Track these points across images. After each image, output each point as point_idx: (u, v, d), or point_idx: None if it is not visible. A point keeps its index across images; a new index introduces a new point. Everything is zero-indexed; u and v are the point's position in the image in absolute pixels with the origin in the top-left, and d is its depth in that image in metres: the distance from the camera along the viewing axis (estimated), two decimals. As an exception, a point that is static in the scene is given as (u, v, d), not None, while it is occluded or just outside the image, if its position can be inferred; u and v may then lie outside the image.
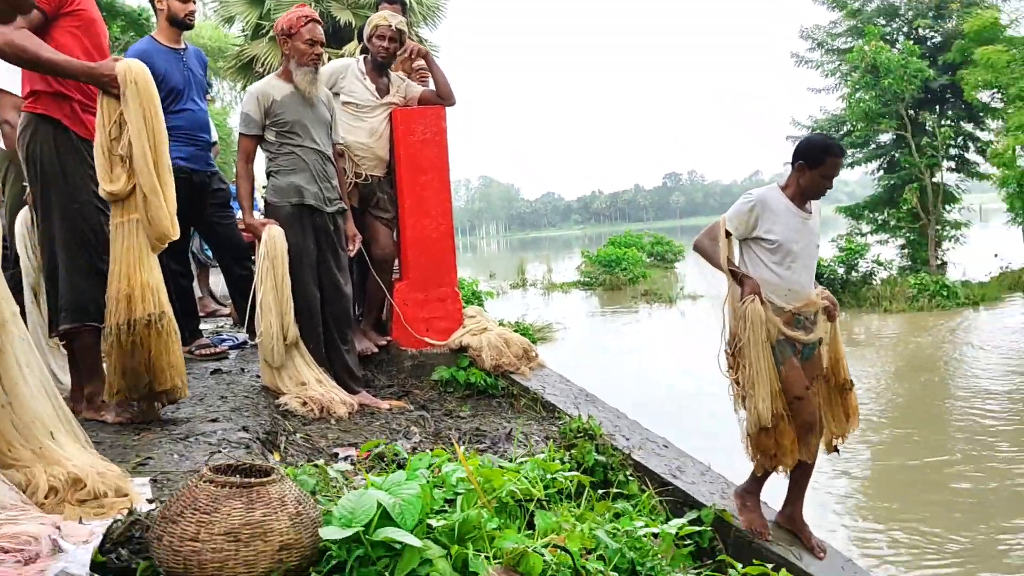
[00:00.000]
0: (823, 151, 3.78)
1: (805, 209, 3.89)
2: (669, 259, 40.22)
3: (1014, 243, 25.16)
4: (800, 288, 3.85)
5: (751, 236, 3.85)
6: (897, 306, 21.47)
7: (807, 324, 3.88)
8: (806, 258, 3.88)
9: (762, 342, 3.73)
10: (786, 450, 3.84)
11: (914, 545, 7.30)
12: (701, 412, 12.13)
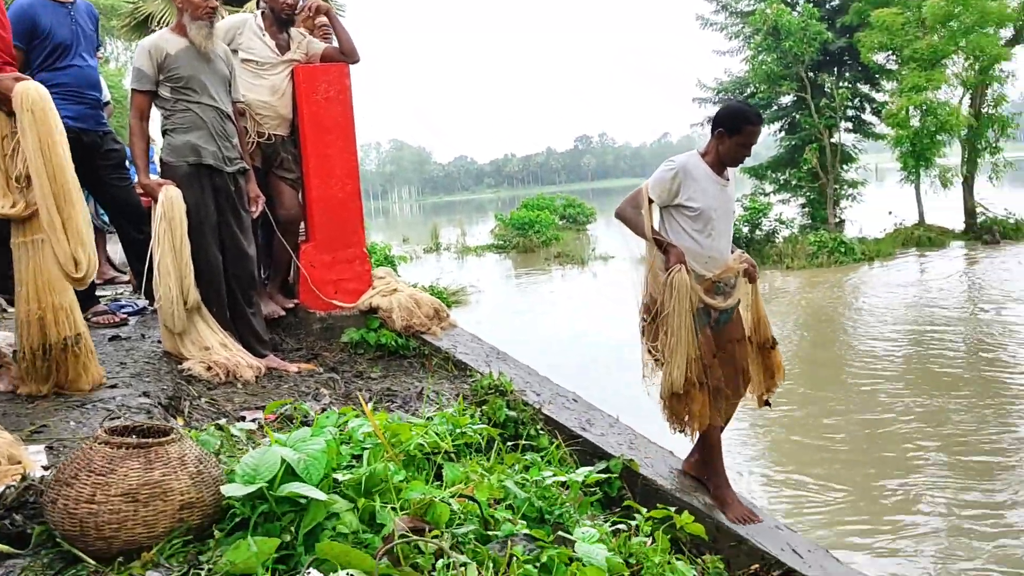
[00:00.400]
0: (742, 119, 3.78)
1: (723, 176, 3.91)
2: (581, 221, 40.61)
3: (907, 201, 26.29)
4: (720, 255, 3.89)
5: (672, 204, 3.85)
6: (798, 263, 22.23)
7: (726, 290, 3.93)
8: (725, 225, 3.92)
9: (686, 311, 3.76)
10: (695, 415, 3.90)
11: (797, 492, 7.64)
12: (611, 367, 12.38)
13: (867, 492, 7.44)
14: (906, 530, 6.68)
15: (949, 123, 23.38)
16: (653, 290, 3.93)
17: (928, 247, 24.20)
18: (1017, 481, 7.44)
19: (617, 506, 3.77)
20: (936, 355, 12.18)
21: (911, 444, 8.47)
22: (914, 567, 6.17)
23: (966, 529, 6.62)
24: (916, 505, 7.15)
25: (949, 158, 25.94)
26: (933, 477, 7.61)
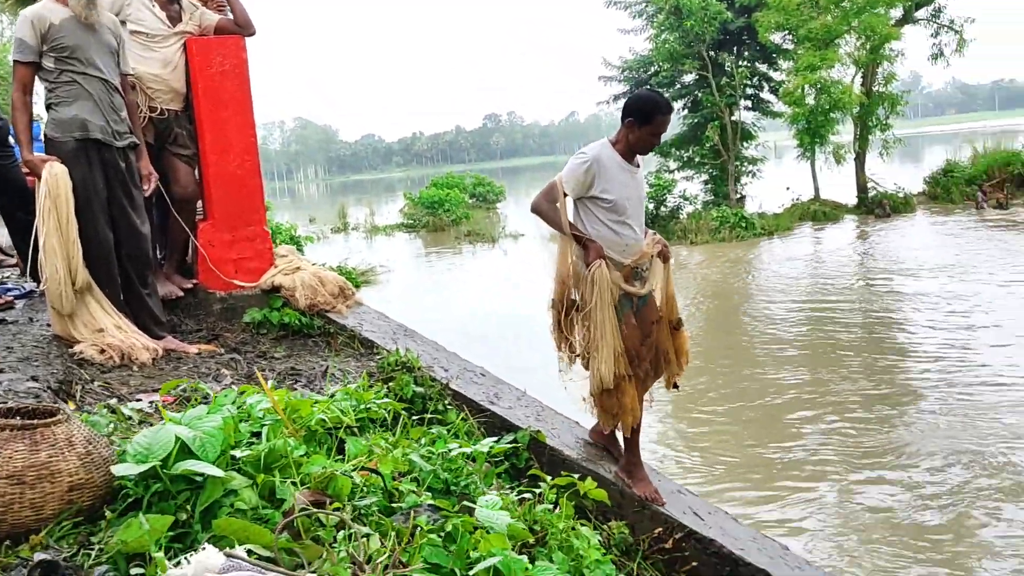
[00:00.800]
0: (652, 109, 3.77)
1: (633, 163, 3.92)
2: (491, 200, 40.65)
3: (804, 177, 27.25)
4: (636, 241, 3.89)
5: (587, 195, 3.85)
6: (701, 238, 22.80)
7: (643, 275, 3.95)
8: (637, 211, 3.92)
9: (608, 305, 3.77)
10: (627, 408, 3.90)
11: (695, 462, 7.90)
12: (520, 342, 12.49)
13: (761, 461, 7.72)
14: (798, 494, 6.98)
15: (842, 101, 24.27)
16: (570, 284, 3.89)
17: (823, 221, 25.14)
18: (904, 444, 7.85)
19: (525, 477, 3.82)
20: (831, 326, 12.70)
21: (808, 413, 8.82)
22: (806, 529, 6.46)
23: (855, 494, 6.95)
24: (808, 470, 7.47)
25: (842, 135, 26.97)
26: (827, 445, 7.95)
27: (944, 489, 6.76)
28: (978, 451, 7.34)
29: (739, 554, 3.87)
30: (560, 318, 3.93)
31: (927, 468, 7.17)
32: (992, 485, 6.71)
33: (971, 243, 19.12)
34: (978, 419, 8.09)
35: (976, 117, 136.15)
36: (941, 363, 10.08)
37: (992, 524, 6.15)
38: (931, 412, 8.49)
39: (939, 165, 27.62)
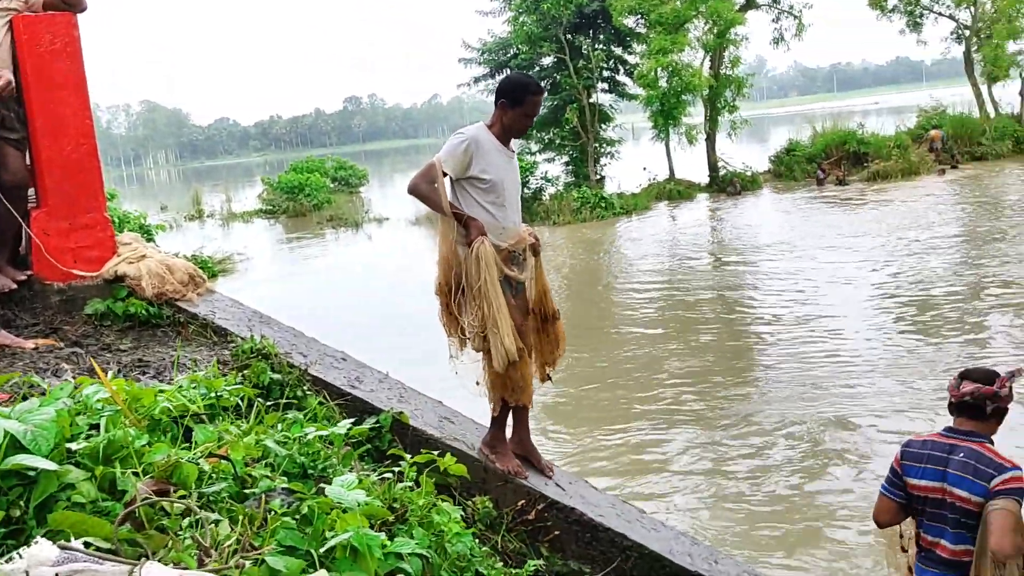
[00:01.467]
0: (523, 90, 3.79)
1: (509, 147, 3.93)
2: (354, 184, 40.03)
3: (659, 157, 28.18)
4: (513, 225, 3.90)
5: (465, 176, 3.81)
6: (564, 218, 23.25)
7: (520, 261, 3.96)
8: (514, 195, 3.94)
9: (496, 279, 3.75)
10: (529, 380, 3.92)
11: (552, 435, 8.12)
12: (383, 325, 12.43)
13: (619, 435, 7.99)
14: (655, 466, 7.28)
15: (692, 84, 25.22)
16: (455, 265, 3.85)
17: (678, 199, 26.13)
18: (752, 415, 8.30)
19: (389, 459, 3.83)
20: (685, 301, 13.25)
21: (663, 387, 9.17)
22: (664, 496, 6.75)
23: (709, 462, 7.31)
24: (663, 442, 7.80)
25: (694, 117, 28.06)
26: (682, 416, 8.30)
27: (789, 456, 7.19)
28: (818, 419, 7.83)
29: (599, 520, 4.01)
30: (448, 301, 3.88)
31: (773, 437, 7.60)
32: (833, 450, 7.18)
33: (810, 218, 20.33)
34: (817, 389, 8.63)
35: (816, 99, 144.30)
36: (785, 334, 10.70)
37: (834, 488, 6.56)
38: (776, 382, 9.00)
39: (782, 145, 29.16)
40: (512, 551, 3.77)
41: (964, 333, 9.97)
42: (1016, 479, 3.03)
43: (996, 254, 13.97)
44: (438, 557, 2.72)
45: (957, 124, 28.18)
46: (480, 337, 3.82)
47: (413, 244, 21.54)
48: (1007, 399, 3.20)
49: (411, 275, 16.22)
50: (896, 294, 12.02)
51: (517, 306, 3.90)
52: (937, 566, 3.22)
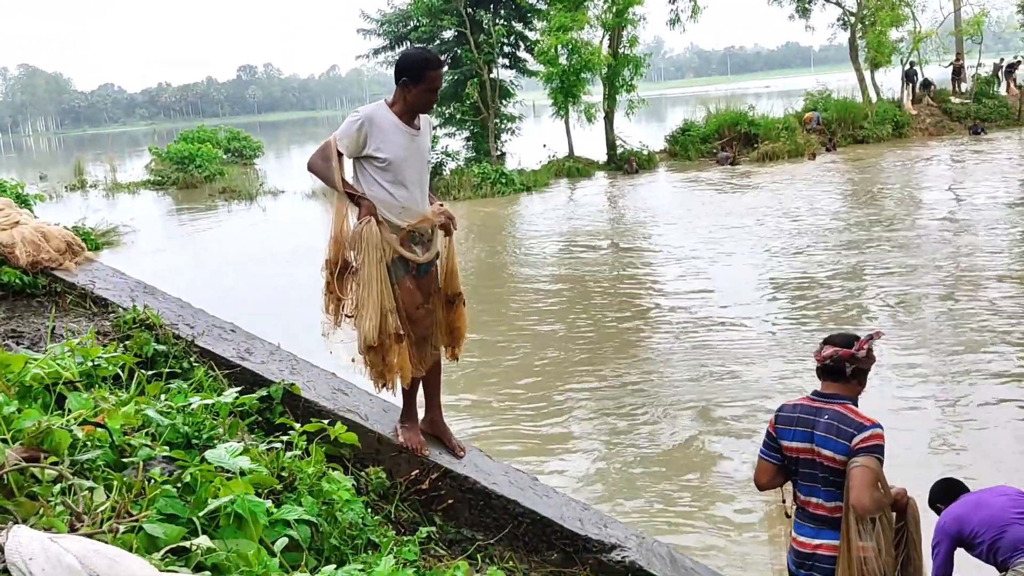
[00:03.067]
0: (423, 66, 3.72)
1: (414, 125, 3.84)
2: (248, 155, 38.89)
3: (559, 134, 28.40)
4: (414, 205, 3.82)
5: (362, 155, 3.73)
6: (464, 194, 23.21)
7: (424, 241, 3.90)
8: (417, 174, 3.85)
9: (376, 262, 3.69)
10: (393, 367, 3.83)
11: (453, 410, 8.18)
12: (276, 297, 12.20)
13: (521, 409, 8.09)
14: (552, 441, 7.40)
15: (592, 62, 25.48)
16: (345, 243, 3.79)
17: (578, 177, 26.41)
18: (648, 389, 8.53)
19: (281, 431, 3.77)
20: (584, 278, 13.46)
21: (563, 367, 9.29)
22: (562, 471, 6.89)
23: (607, 439, 7.48)
24: (563, 418, 7.94)
25: (593, 95, 28.37)
26: (582, 392, 8.43)
27: (680, 431, 7.37)
28: (708, 394, 8.11)
29: (492, 488, 4.05)
30: (332, 278, 3.84)
31: (665, 412, 7.80)
32: (723, 426, 7.41)
33: (704, 198, 20.91)
34: (707, 366, 8.91)
35: (711, 81, 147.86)
36: (678, 313, 11.01)
37: (723, 461, 6.79)
38: (668, 362, 9.24)
39: (678, 125, 29.79)
40: (405, 520, 3.78)
41: (846, 313, 10.47)
42: (874, 436, 3.23)
43: (875, 238, 14.70)
44: (328, 525, 2.72)
45: (841, 108, 29.38)
46: (344, 316, 3.85)
47: (309, 217, 21.13)
48: (866, 361, 3.40)
49: (306, 248, 15.95)
50: (783, 276, 12.47)
51: (419, 287, 3.88)
52: (812, 522, 3.40)
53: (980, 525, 3.84)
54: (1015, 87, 31.62)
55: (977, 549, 3.87)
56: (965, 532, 3.90)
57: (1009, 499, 3.89)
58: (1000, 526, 3.79)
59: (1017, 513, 3.81)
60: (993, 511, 3.85)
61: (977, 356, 8.48)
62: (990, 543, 3.80)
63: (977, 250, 12.94)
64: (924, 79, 31.59)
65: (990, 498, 3.94)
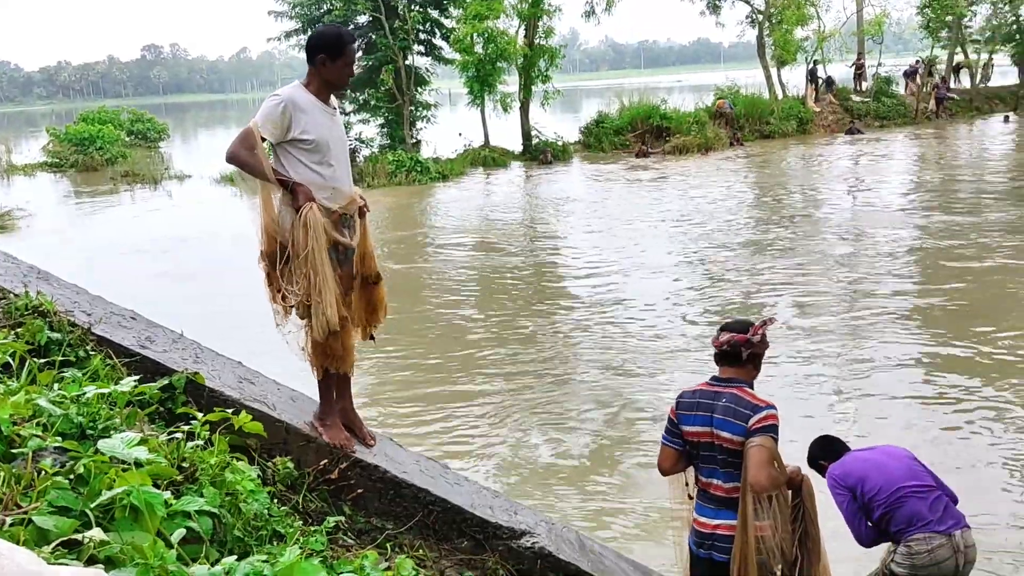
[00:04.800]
0: (339, 41, 3.65)
1: (330, 104, 3.77)
2: (152, 138, 37.64)
3: (475, 124, 28.36)
4: (342, 185, 3.74)
5: (286, 139, 3.62)
6: (379, 181, 22.98)
7: (351, 225, 3.83)
8: (341, 154, 3.79)
9: (323, 248, 3.61)
10: (350, 349, 3.82)
11: (368, 400, 8.14)
12: (187, 286, 11.86)
13: (438, 400, 8.06)
14: (464, 432, 7.40)
15: (507, 51, 25.51)
16: (280, 233, 3.67)
17: (493, 166, 26.45)
18: (561, 381, 8.62)
19: (184, 421, 3.68)
20: (499, 268, 13.49)
21: (475, 359, 9.27)
22: (472, 460, 6.91)
23: (520, 432, 7.52)
24: (474, 410, 7.96)
25: (509, 85, 28.41)
26: (491, 382, 8.45)
27: (596, 427, 7.44)
28: (618, 390, 8.21)
29: (402, 477, 4.04)
30: (272, 270, 3.73)
31: (577, 405, 7.87)
32: (635, 417, 7.49)
33: (617, 190, 21.22)
34: (618, 362, 9.06)
35: (625, 74, 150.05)
36: (592, 307, 11.13)
37: (630, 452, 6.88)
38: (580, 356, 9.35)
39: (593, 116, 30.11)
40: (314, 510, 3.74)
41: (750, 300, 10.79)
42: (769, 417, 3.36)
43: (778, 230, 15.18)
44: (231, 516, 2.66)
45: (749, 104, 30.19)
46: (304, 306, 3.72)
47: (217, 203, 20.59)
48: (760, 346, 3.53)
49: (214, 234, 15.55)
50: (690, 268, 12.69)
51: (344, 273, 3.83)
52: (712, 503, 3.51)
53: (878, 490, 3.91)
54: (914, 88, 33.08)
55: (873, 513, 3.94)
56: (863, 490, 3.95)
57: (905, 468, 3.96)
58: (898, 496, 3.87)
59: (915, 485, 3.89)
60: (891, 478, 3.92)
61: (872, 344, 8.87)
62: (885, 510, 3.88)
63: (874, 243, 13.51)
64: (827, 77, 32.76)
65: (885, 461, 4.00)
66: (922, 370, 8.14)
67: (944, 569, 3.79)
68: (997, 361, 8.17)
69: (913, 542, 3.82)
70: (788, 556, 3.49)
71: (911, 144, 26.92)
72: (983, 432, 6.70)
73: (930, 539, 3.79)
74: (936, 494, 3.91)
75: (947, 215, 15.04)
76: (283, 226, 3.65)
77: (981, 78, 36.10)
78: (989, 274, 11.16)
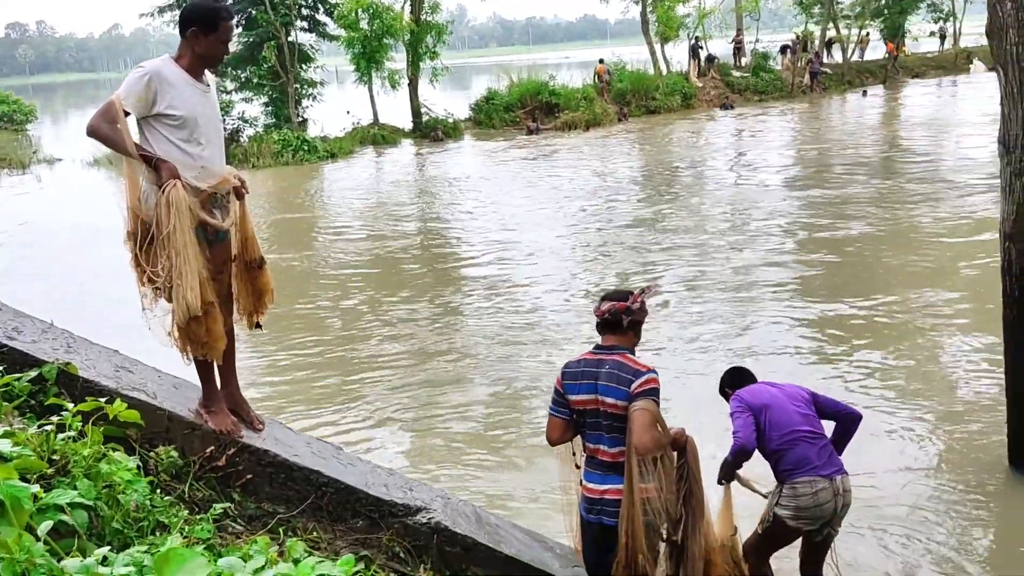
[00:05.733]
0: (214, 15, 3.50)
1: (203, 80, 3.61)
2: (19, 120, 35.59)
3: (364, 102, 27.88)
4: (212, 164, 3.60)
5: (151, 114, 3.46)
6: (264, 162, 22.39)
7: (223, 205, 3.67)
8: (213, 132, 3.64)
9: (188, 228, 3.45)
10: (218, 335, 3.66)
11: (261, 386, 7.98)
12: (58, 273, 11.32)
13: (335, 385, 7.94)
14: (361, 414, 7.32)
15: (393, 27, 25.17)
16: (144, 211, 3.51)
17: (383, 144, 26.12)
18: (457, 360, 8.63)
19: (58, 413, 3.52)
20: (393, 249, 13.35)
21: (371, 341, 9.14)
22: (369, 441, 6.88)
23: (417, 412, 7.49)
24: (370, 394, 7.90)
25: (397, 62, 28.04)
26: (389, 365, 8.33)
27: (488, 402, 7.44)
28: (517, 369, 8.25)
29: (293, 460, 3.98)
30: (137, 251, 3.57)
31: (475, 384, 7.84)
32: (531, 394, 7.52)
33: (509, 167, 21.31)
34: (518, 336, 9.13)
35: (514, 50, 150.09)
36: (486, 282, 11.18)
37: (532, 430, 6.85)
38: (478, 334, 9.35)
39: (482, 93, 30.07)
40: (201, 499, 3.65)
41: (642, 273, 11.04)
42: (650, 381, 3.47)
43: (666, 204, 15.58)
44: (109, 509, 2.58)
45: (635, 80, 30.75)
46: (168, 289, 3.57)
47: (89, 186, 19.64)
48: (640, 313, 3.65)
49: (86, 218, 14.84)
50: (583, 245, 12.77)
51: (214, 256, 3.70)
52: (599, 469, 3.60)
53: (777, 426, 4.08)
54: (789, 63, 34.37)
55: (768, 445, 4.12)
56: (764, 418, 4.11)
57: (800, 412, 4.14)
58: (793, 439, 4.06)
59: (808, 431, 4.09)
60: (790, 419, 4.10)
61: (755, 311, 9.24)
62: (778, 447, 4.07)
63: (755, 213, 14.03)
64: (709, 54, 33.69)
65: (787, 403, 4.17)
66: (801, 333, 8.53)
67: (825, 510, 4.02)
68: (870, 323, 8.66)
69: (799, 484, 4.03)
70: (673, 515, 3.62)
71: (787, 118, 27.98)
72: (857, 390, 7.07)
73: (814, 483, 4.00)
74: (824, 441, 4.13)
75: (823, 189, 15.69)
76: (147, 204, 3.51)
77: (855, 52, 37.81)
78: (858, 243, 11.75)
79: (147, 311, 3.73)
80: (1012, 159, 5.38)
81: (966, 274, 10.04)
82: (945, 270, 10.34)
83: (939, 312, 8.81)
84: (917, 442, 6.22)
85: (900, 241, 11.68)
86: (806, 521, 4.05)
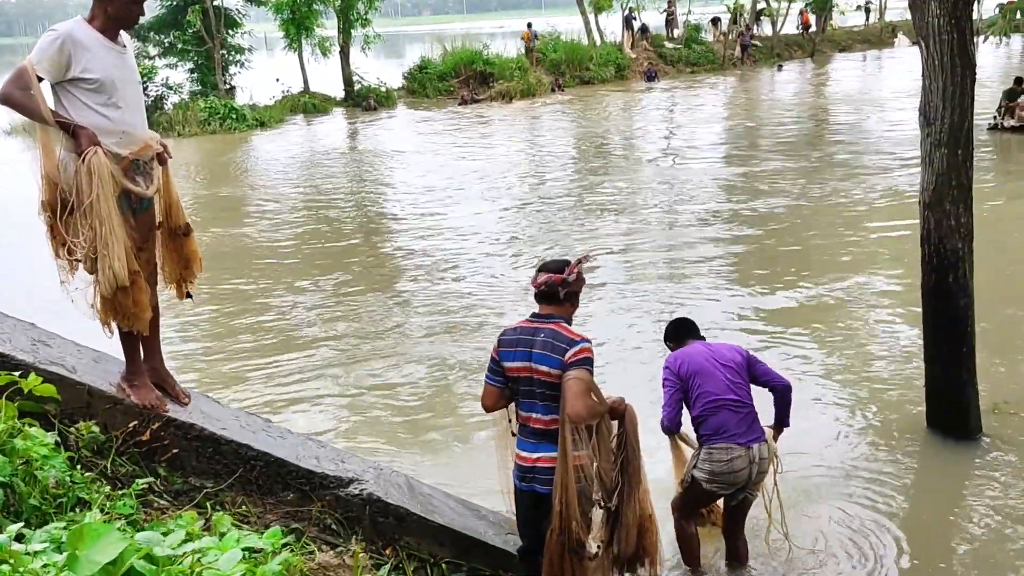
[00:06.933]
0: None
1: (118, 42, 3.46)
2: (-73, 86, 33.71)
3: (294, 69, 27.25)
4: (134, 129, 3.47)
5: (67, 78, 3.31)
6: (190, 130, 21.79)
7: (147, 172, 3.55)
8: (133, 95, 3.52)
9: (111, 195, 3.30)
10: (144, 305, 3.54)
11: (188, 359, 7.81)
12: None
13: (266, 364, 7.77)
14: (297, 390, 7.20)
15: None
16: (61, 180, 3.37)
17: (314, 113, 25.61)
18: (396, 338, 8.52)
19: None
20: (328, 221, 13.12)
21: (307, 316, 8.93)
22: (306, 416, 6.79)
23: (355, 388, 7.41)
24: (306, 367, 7.78)
25: (328, 29, 27.44)
26: (326, 342, 8.16)
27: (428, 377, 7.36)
28: (458, 343, 8.22)
29: (221, 433, 3.90)
30: (54, 221, 3.43)
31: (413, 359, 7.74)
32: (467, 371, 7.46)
33: (443, 137, 21.12)
34: (454, 308, 9.09)
35: (448, 19, 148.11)
36: (423, 256, 11.02)
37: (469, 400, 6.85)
38: (414, 303, 9.23)
39: (416, 62, 29.67)
40: (124, 474, 3.56)
41: (578, 247, 11.09)
42: (584, 350, 3.50)
43: (599, 176, 15.64)
44: (26, 486, 2.50)
45: (569, 50, 30.71)
46: (91, 259, 3.45)
47: (3, 157, 18.84)
48: (577, 283, 3.68)
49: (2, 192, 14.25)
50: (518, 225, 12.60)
51: (139, 225, 3.58)
52: (532, 437, 3.62)
53: (703, 393, 4.24)
54: (720, 35, 34.73)
55: (693, 408, 4.29)
56: (691, 384, 4.28)
57: (728, 380, 4.27)
58: (717, 406, 4.21)
59: (733, 399, 4.23)
60: (717, 387, 4.24)
61: (689, 287, 9.38)
62: (702, 412, 4.23)
63: (687, 187, 14.20)
64: (642, 25, 33.80)
65: (716, 370, 4.30)
66: (733, 308, 8.66)
67: (739, 477, 4.20)
68: (800, 298, 8.88)
69: (715, 450, 4.19)
70: (608, 483, 3.67)
71: (719, 90, 28.31)
72: (791, 364, 7.22)
73: (730, 450, 4.17)
74: (747, 410, 4.26)
75: (749, 166, 15.85)
76: (66, 173, 3.38)
77: (783, 24, 38.38)
78: (787, 219, 11.98)
79: (65, 284, 3.61)
80: (932, 130, 5.52)
81: (892, 247, 10.33)
82: (870, 243, 10.63)
83: (867, 286, 9.05)
84: (848, 410, 6.41)
85: (828, 216, 11.95)
86: (720, 485, 4.23)
